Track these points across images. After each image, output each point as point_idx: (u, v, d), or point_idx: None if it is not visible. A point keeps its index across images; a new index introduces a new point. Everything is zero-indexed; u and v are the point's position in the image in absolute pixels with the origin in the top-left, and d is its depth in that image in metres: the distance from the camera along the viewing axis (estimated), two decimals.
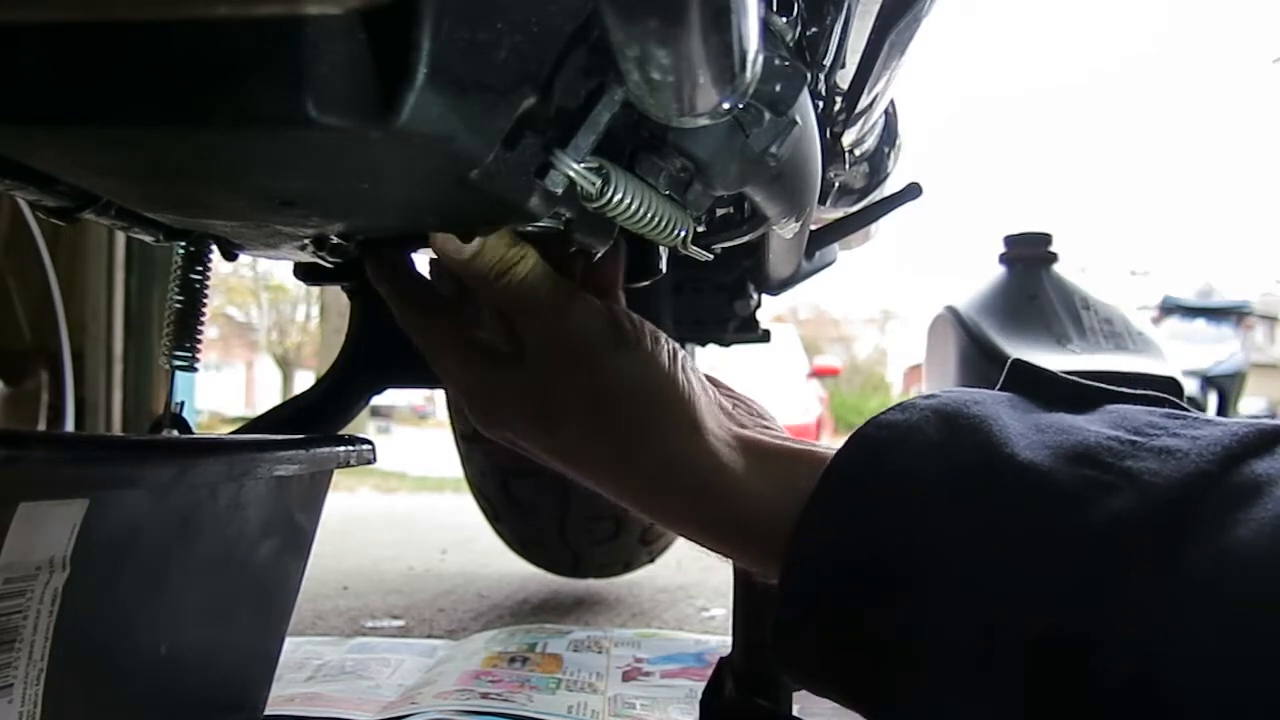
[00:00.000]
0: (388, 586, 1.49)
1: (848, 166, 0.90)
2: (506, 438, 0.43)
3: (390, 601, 1.36)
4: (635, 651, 0.90)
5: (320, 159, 0.37)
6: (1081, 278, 1.42)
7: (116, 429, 1.79)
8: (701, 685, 0.56)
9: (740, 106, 0.39)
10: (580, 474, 0.41)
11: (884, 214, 1.08)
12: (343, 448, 0.55)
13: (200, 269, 0.63)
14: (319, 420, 0.68)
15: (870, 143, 1.03)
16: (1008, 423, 0.33)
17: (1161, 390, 0.36)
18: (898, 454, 0.33)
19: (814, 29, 0.57)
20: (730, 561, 0.62)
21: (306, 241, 0.57)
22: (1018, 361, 0.38)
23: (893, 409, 0.36)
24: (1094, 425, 0.33)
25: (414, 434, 10.49)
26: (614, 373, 0.40)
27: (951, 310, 1.34)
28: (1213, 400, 3.84)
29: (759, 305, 1.40)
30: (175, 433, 0.65)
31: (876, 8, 0.68)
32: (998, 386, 0.38)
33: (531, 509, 1.25)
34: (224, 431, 0.65)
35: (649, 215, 0.44)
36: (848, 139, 0.85)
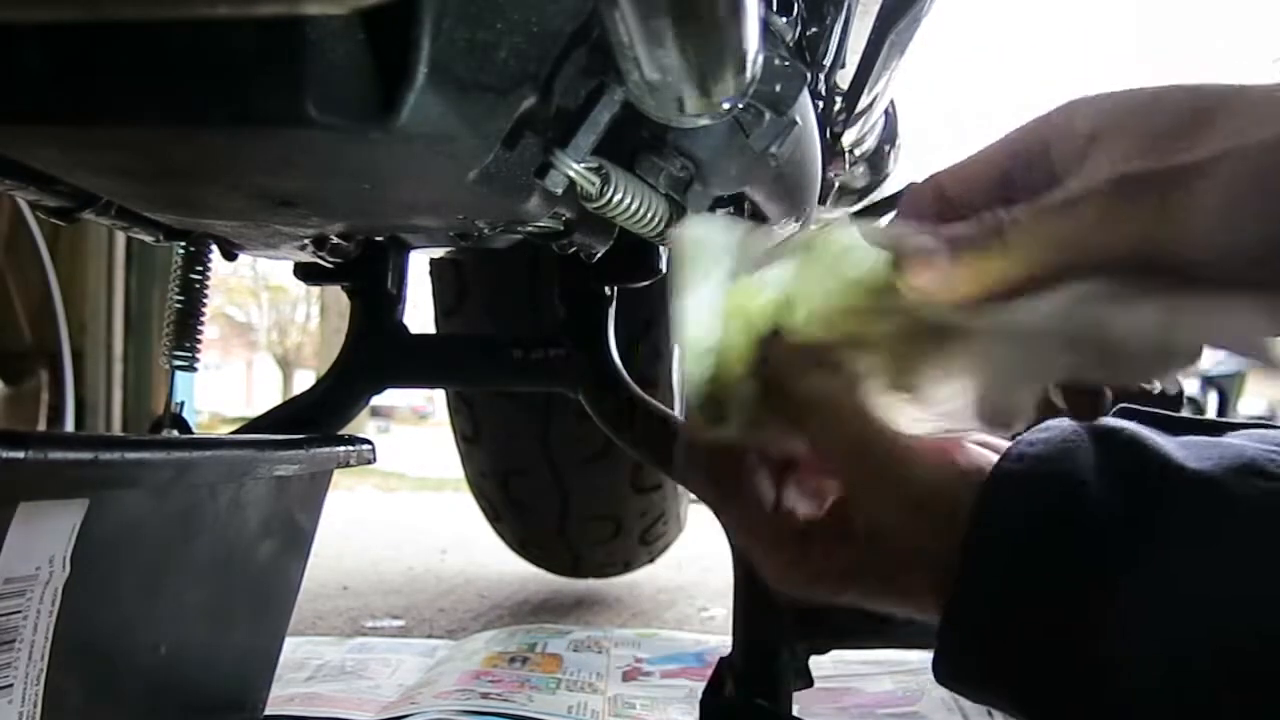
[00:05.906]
0: (388, 586, 1.49)
1: (848, 166, 0.90)
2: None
3: (390, 601, 1.36)
4: (635, 651, 0.90)
5: (320, 159, 0.37)
6: None
7: (116, 429, 1.79)
8: (701, 685, 0.56)
9: (740, 106, 0.39)
10: None
11: (884, 214, 1.08)
12: (343, 448, 0.55)
13: (200, 269, 0.63)
14: (319, 420, 0.68)
15: (870, 142, 1.03)
16: (1154, 437, 0.32)
17: (1162, 390, 0.36)
18: (1064, 465, 0.31)
19: (814, 29, 0.57)
20: (730, 562, 0.62)
21: (306, 241, 0.57)
22: (1124, 406, 0.37)
23: (1032, 430, 0.34)
24: (1238, 440, 0.32)
25: (414, 434, 10.47)
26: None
27: None
28: (1212, 400, 3.83)
29: None
30: (175, 433, 0.65)
31: (876, 8, 0.68)
32: None
33: (531, 509, 1.25)
34: (224, 431, 0.65)
35: (649, 215, 0.44)
36: (848, 139, 0.85)
